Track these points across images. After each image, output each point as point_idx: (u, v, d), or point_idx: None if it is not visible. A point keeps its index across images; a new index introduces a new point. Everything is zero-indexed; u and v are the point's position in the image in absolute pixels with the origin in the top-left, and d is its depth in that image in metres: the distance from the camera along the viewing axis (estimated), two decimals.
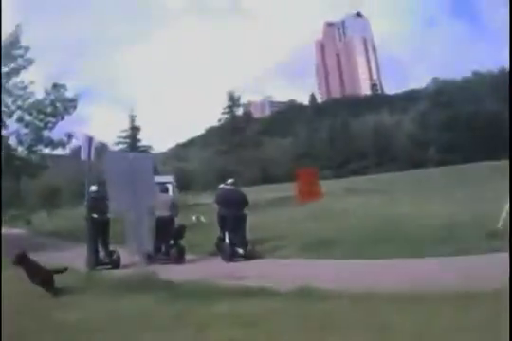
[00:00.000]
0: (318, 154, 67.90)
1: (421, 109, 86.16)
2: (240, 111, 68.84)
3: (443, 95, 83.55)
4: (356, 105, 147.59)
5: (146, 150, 66.07)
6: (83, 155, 14.54)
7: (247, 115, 77.67)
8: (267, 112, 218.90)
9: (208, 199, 31.01)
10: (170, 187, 25.18)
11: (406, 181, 41.66)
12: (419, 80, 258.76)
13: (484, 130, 71.70)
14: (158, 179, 24.38)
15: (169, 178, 27.56)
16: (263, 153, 74.01)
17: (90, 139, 14.78)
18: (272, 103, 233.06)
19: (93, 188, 15.01)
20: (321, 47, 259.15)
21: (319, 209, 23.32)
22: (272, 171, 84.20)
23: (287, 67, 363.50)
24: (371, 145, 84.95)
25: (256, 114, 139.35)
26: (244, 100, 73.91)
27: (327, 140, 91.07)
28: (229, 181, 15.87)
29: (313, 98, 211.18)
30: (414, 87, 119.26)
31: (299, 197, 30.30)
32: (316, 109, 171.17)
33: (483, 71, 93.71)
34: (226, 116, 67.12)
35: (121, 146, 66.06)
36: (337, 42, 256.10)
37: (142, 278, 10.00)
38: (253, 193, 28.59)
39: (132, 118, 68.29)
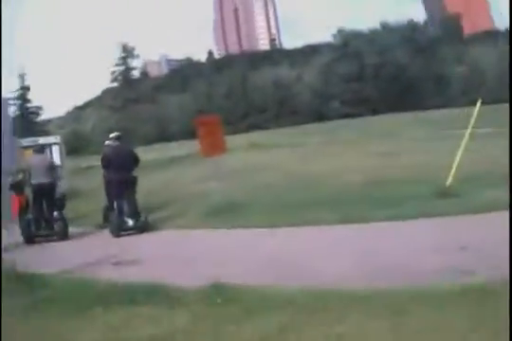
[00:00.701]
0: (216, 110, 64.68)
1: (325, 61, 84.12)
2: (135, 63, 65.51)
3: (349, 46, 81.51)
4: (254, 60, 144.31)
5: (36, 111, 62.75)
6: None
7: (143, 71, 74.30)
8: (164, 70, 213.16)
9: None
10: (56, 148, 22.68)
11: (312, 134, 39.35)
12: (322, 33, 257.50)
13: (391, 82, 70.45)
14: (41, 141, 22.10)
15: (53, 139, 24.19)
16: (159, 110, 70.95)
17: None
18: (169, 61, 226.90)
19: None
20: (220, 3, 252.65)
21: (223, 167, 20.36)
22: (170, 129, 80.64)
23: (183, 24, 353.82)
24: (271, 98, 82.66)
25: (153, 72, 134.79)
26: (138, 55, 70.20)
27: (226, 95, 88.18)
28: (113, 135, 12.59)
29: (210, 54, 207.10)
30: (317, 41, 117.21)
31: (202, 150, 27.55)
32: (214, 65, 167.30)
33: (391, 23, 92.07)
34: (120, 68, 63.51)
35: (11, 108, 62.46)
36: None
37: None
38: (150, 152, 25.86)
39: (22, 78, 64.31)
